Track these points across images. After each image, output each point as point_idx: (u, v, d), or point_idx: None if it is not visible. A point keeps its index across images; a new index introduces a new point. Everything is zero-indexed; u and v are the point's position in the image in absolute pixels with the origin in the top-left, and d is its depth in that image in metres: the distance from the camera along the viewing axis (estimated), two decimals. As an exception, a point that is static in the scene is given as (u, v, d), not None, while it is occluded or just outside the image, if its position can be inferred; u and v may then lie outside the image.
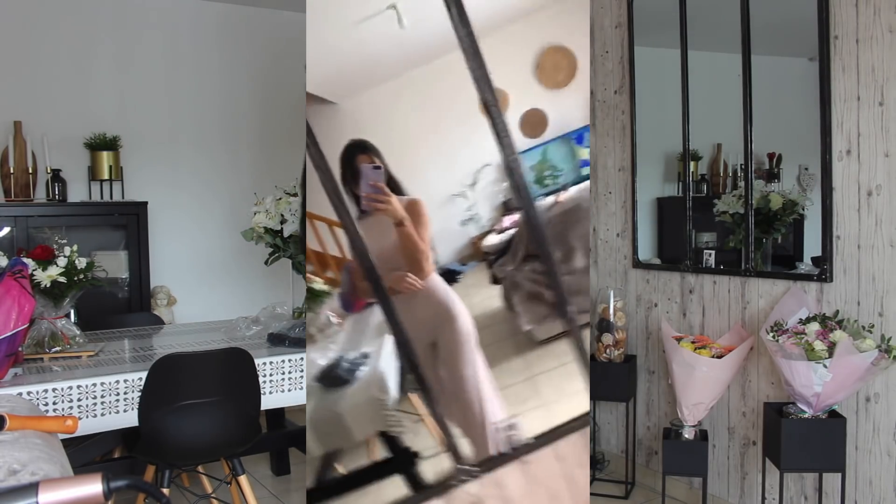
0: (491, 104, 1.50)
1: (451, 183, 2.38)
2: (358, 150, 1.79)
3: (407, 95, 2.27)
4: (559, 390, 2.91)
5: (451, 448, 1.77)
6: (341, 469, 2.07)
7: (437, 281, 1.80)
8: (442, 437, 1.81)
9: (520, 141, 2.41)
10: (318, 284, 2.45)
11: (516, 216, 2.33)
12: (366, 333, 2.17)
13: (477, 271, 2.40)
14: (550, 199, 2.36)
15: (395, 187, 1.75)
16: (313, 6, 2.06)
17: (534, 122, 2.80)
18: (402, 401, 1.98)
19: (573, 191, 2.30)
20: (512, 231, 2.36)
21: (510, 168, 1.50)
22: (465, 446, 1.85)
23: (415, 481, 1.96)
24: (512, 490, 1.65)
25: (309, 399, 1.97)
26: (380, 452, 2.14)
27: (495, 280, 2.24)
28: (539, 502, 1.64)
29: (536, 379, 2.96)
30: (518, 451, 1.73)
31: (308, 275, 2.32)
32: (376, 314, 2.20)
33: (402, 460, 1.96)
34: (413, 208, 1.66)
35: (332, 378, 2.16)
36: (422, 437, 1.95)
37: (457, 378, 1.82)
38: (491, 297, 2.52)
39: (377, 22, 2.04)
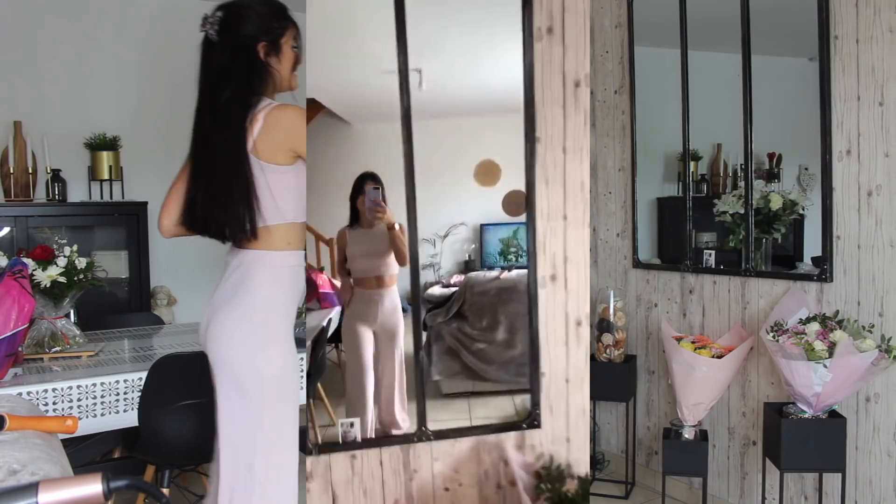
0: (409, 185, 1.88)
1: (426, 229, 2.61)
2: (368, 178, 2.41)
3: (413, 138, 2.50)
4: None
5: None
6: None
7: (397, 289, 2.46)
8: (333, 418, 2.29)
9: (499, 216, 2.73)
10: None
11: (462, 277, 2.60)
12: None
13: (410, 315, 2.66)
14: (495, 272, 2.58)
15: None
16: (347, 53, 2.43)
17: (516, 203, 2.86)
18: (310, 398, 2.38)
19: (514, 273, 2.56)
20: (455, 288, 2.60)
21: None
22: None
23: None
24: (336, 474, 2.25)
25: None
26: None
27: (424, 326, 2.55)
28: (355, 490, 2.25)
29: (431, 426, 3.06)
30: (348, 446, 2.23)
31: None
32: (312, 318, 2.52)
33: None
34: (400, 227, 2.40)
35: None
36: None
37: (389, 361, 2.42)
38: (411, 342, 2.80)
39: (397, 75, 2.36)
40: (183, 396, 2.44)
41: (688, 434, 2.95)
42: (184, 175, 2.10)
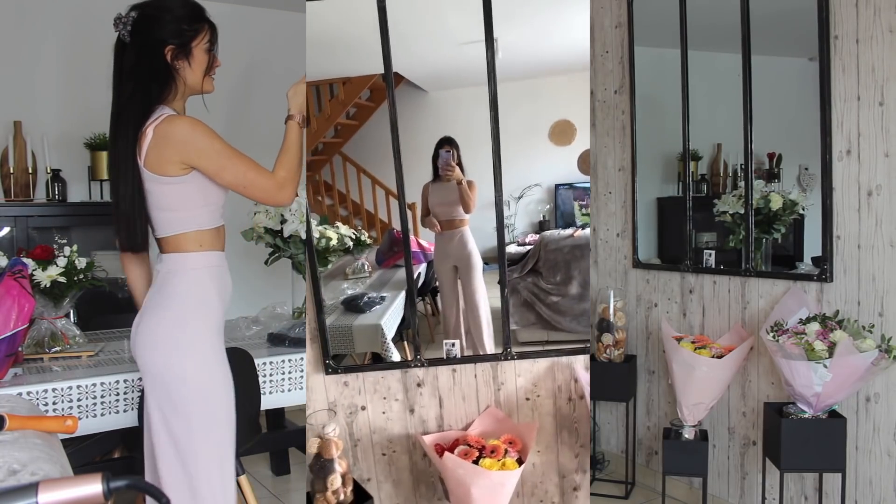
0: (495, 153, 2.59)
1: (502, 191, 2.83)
2: (445, 142, 2.79)
3: (485, 103, 2.66)
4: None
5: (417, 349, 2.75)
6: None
7: (468, 229, 2.87)
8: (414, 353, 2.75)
9: (576, 175, 2.89)
10: (365, 237, 3.19)
11: (537, 236, 2.89)
12: (387, 285, 2.90)
13: (492, 273, 2.91)
14: (570, 230, 2.84)
15: (461, 168, 2.80)
16: (427, 29, 2.72)
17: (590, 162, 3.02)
18: (396, 341, 2.78)
19: (588, 232, 2.87)
20: (529, 247, 2.90)
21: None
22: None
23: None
24: (442, 383, 2.77)
25: (330, 315, 2.79)
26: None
27: (501, 282, 2.89)
28: (455, 396, 2.79)
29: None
30: (450, 361, 2.75)
31: (356, 226, 3.00)
32: (398, 275, 2.92)
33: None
34: (470, 184, 2.80)
35: (354, 305, 2.86)
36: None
37: (469, 290, 2.85)
38: (494, 299, 3.01)
39: (476, 44, 2.59)
40: (183, 396, 2.43)
41: (688, 434, 2.95)
42: None
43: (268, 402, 2.77)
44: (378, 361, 2.84)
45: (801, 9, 2.73)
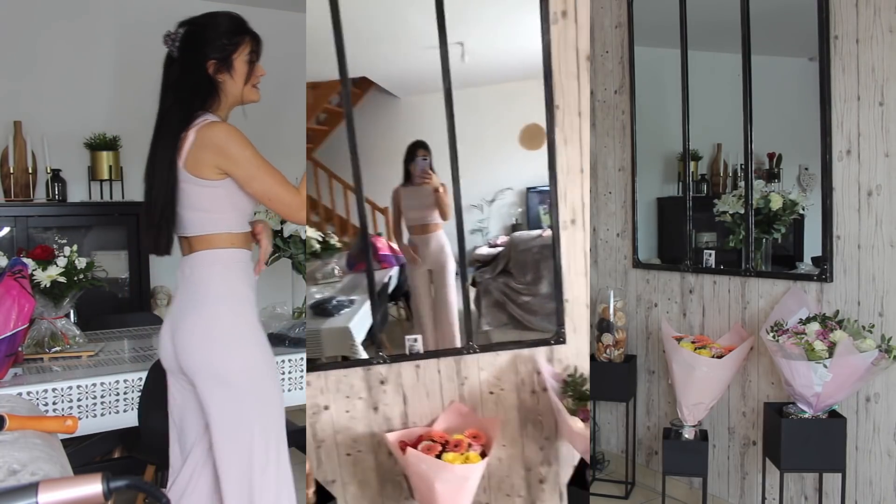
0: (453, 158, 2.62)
1: (473, 195, 2.80)
2: (419, 146, 2.77)
3: (459, 108, 2.66)
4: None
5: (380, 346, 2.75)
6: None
7: (443, 233, 2.86)
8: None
9: (545, 178, 2.88)
10: (335, 241, 3.13)
11: (507, 238, 2.90)
12: (357, 289, 2.87)
13: (470, 276, 2.95)
14: (537, 231, 2.86)
15: (433, 171, 2.79)
16: (392, 32, 2.73)
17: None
18: (367, 345, 2.76)
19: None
20: (500, 249, 2.89)
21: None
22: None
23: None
24: (405, 379, 2.78)
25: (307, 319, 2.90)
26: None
27: (473, 283, 2.94)
28: (419, 392, 2.79)
29: None
30: (413, 356, 2.76)
31: (328, 232, 3.01)
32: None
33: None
34: (443, 187, 2.79)
35: (322, 309, 2.83)
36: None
37: (443, 292, 2.85)
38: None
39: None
40: (183, 396, 2.43)
41: (688, 434, 2.95)
42: None
43: (268, 402, 2.77)
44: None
45: (801, 9, 2.73)
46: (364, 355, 2.74)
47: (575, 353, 2.87)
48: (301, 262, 3.13)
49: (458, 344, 2.82)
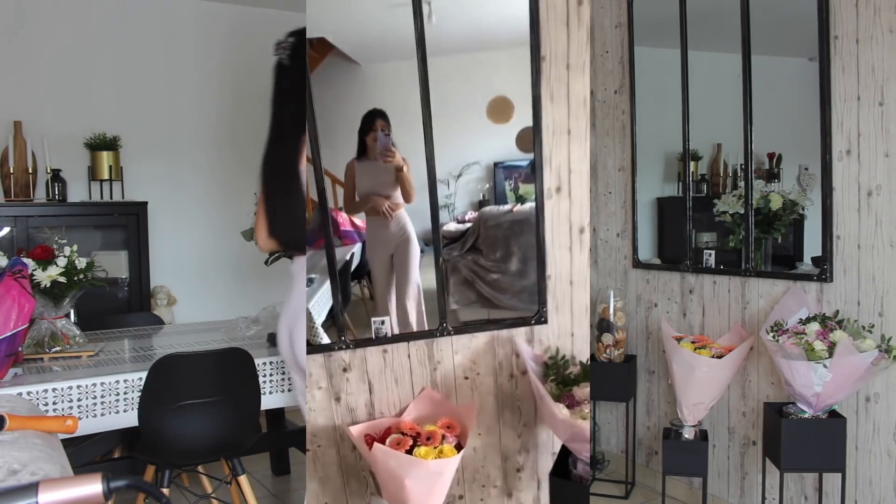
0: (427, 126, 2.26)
1: (439, 170, 2.65)
2: (378, 116, 2.48)
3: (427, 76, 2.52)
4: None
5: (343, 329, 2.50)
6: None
7: (404, 213, 2.62)
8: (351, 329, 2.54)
9: (513, 153, 2.74)
10: None
11: (476, 213, 2.74)
12: (317, 268, 2.66)
13: (431, 255, 2.80)
14: (507, 206, 2.71)
15: (394, 146, 2.51)
16: None
17: (530, 139, 2.88)
18: (328, 326, 2.54)
19: (527, 206, 2.71)
20: (468, 224, 2.74)
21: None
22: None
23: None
24: (371, 366, 2.55)
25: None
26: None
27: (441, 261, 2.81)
28: (387, 379, 2.58)
29: None
30: (380, 341, 2.53)
31: None
32: (336, 253, 2.76)
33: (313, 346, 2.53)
34: (406, 162, 2.52)
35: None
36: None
37: (403, 279, 2.62)
38: (433, 279, 2.94)
39: (407, 9, 2.41)
40: (183, 396, 2.44)
41: (688, 434, 2.95)
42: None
43: (268, 402, 2.77)
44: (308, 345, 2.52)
45: (801, 9, 2.73)
46: (325, 339, 2.54)
47: (557, 333, 2.74)
48: (301, 262, 3.12)
49: (425, 326, 2.59)
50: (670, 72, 3.28)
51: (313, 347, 2.48)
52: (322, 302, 2.60)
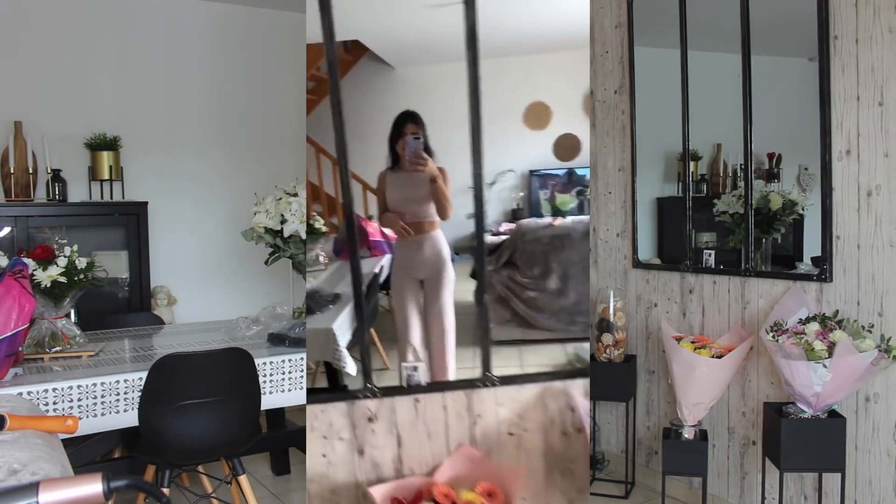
0: (475, 129, 1.97)
1: (471, 177, 2.58)
2: (408, 119, 2.24)
3: (459, 81, 2.38)
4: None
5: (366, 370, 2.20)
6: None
7: (440, 233, 2.36)
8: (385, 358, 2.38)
9: (550, 161, 2.66)
10: (319, 224, 2.67)
11: (513, 225, 2.57)
12: (345, 279, 2.44)
13: (464, 264, 2.66)
14: (547, 219, 2.56)
15: (430, 154, 2.22)
16: None
17: (567, 146, 2.83)
18: (353, 344, 2.29)
19: (569, 221, 2.52)
20: (504, 237, 2.59)
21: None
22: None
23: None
24: (401, 417, 2.22)
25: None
26: (321, 381, 2.57)
27: (474, 275, 2.57)
28: (419, 432, 2.23)
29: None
30: (413, 390, 2.21)
31: (313, 213, 2.63)
32: (364, 266, 2.62)
33: (335, 392, 2.30)
34: (442, 172, 2.23)
35: (309, 303, 2.44)
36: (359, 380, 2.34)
37: (435, 312, 2.35)
38: (464, 293, 2.76)
39: (448, 10, 2.29)
40: (183, 396, 2.44)
41: (688, 434, 2.95)
42: None
43: (268, 402, 2.77)
44: (331, 372, 2.32)
45: (801, 9, 2.73)
46: (350, 365, 2.34)
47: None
48: (301, 262, 3.13)
49: (451, 373, 2.31)
50: (670, 72, 3.28)
51: (333, 394, 2.23)
52: (347, 322, 2.39)
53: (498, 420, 2.30)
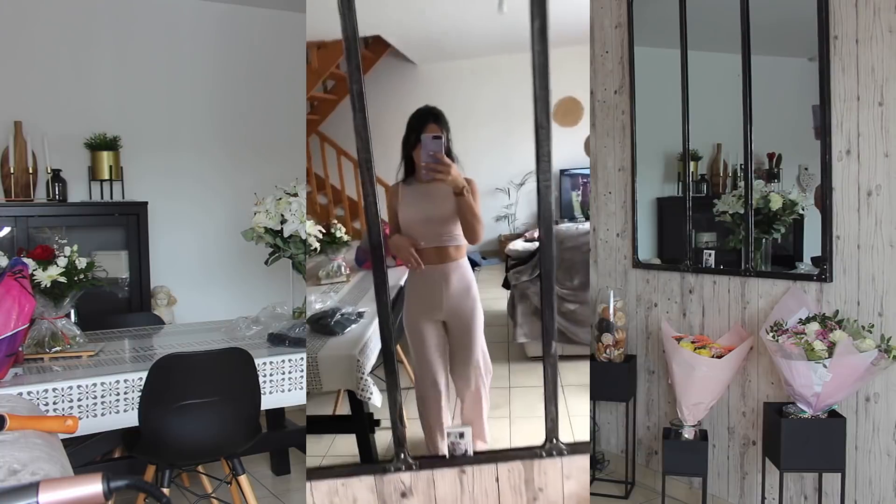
0: (542, 127, 1.56)
1: (500, 176, 2.40)
2: (430, 118, 1.80)
3: (485, 78, 2.21)
4: (529, 409, 2.96)
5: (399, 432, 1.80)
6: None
7: (467, 262, 1.89)
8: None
9: (582, 159, 2.49)
10: (341, 232, 2.43)
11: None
12: (368, 294, 2.17)
13: (491, 269, 2.51)
14: (587, 225, 2.34)
15: (454, 159, 1.78)
16: None
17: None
18: (379, 368, 1.98)
19: None
20: (538, 244, 2.37)
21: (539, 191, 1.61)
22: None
23: (366, 447, 2.04)
24: (442, 491, 1.71)
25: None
26: (344, 408, 2.24)
27: (507, 285, 2.24)
28: None
29: (513, 391, 3.02)
30: (459, 460, 1.76)
31: (335, 220, 2.46)
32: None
33: (361, 425, 2.01)
34: (470, 184, 1.73)
35: (323, 325, 2.16)
36: (386, 409, 1.93)
37: (463, 356, 1.91)
38: (498, 299, 2.59)
39: (475, 2, 2.03)
40: (183, 396, 2.44)
41: (688, 434, 2.95)
42: None
43: (268, 402, 2.77)
44: (354, 401, 1.95)
45: (801, 9, 2.73)
46: (375, 395, 1.96)
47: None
48: (301, 261, 3.13)
49: (488, 438, 1.90)
50: (670, 72, 3.28)
51: (356, 467, 1.83)
52: (373, 343, 2.07)
53: (565, 495, 1.92)
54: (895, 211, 2.54)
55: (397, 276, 2.30)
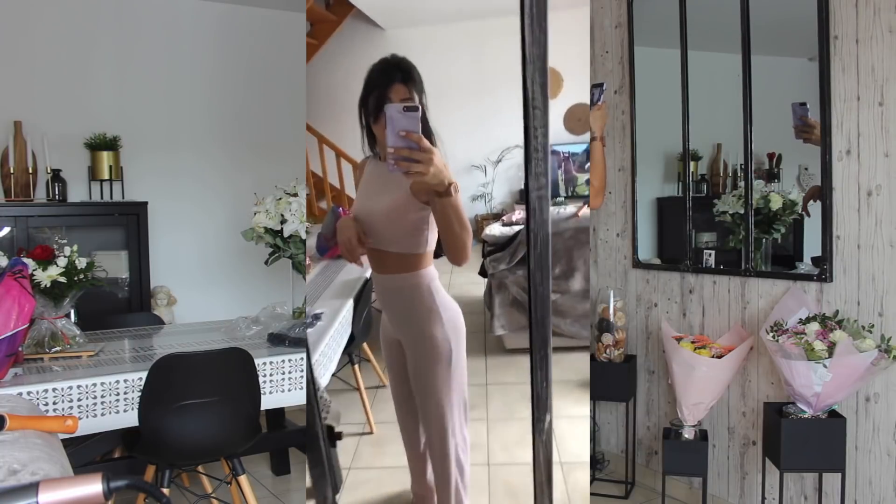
0: (538, 89, 1.06)
1: (476, 153, 2.24)
2: (397, 75, 1.31)
3: (458, 44, 2.05)
4: (508, 410, 2.71)
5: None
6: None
7: (435, 273, 1.46)
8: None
9: (561, 135, 2.28)
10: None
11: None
12: (329, 287, 1.85)
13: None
14: (571, 208, 2.16)
15: (433, 141, 1.30)
16: None
17: (582, 118, 2.50)
18: (345, 369, 1.75)
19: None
20: (518, 228, 2.17)
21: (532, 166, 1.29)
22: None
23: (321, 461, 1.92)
24: None
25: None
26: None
27: (483, 272, 2.06)
28: None
29: (490, 389, 2.82)
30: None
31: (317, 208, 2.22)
32: (349, 270, 1.93)
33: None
34: (453, 187, 1.22)
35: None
36: (347, 415, 1.74)
37: (430, 402, 1.50)
38: (473, 286, 2.36)
39: None
40: (183, 396, 2.44)
41: (688, 434, 2.95)
42: None
43: (268, 402, 2.77)
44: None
45: (801, 9, 2.73)
46: (332, 415, 1.80)
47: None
48: (301, 261, 3.13)
49: (464, 495, 1.56)
50: (670, 72, 3.28)
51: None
52: (332, 349, 1.88)
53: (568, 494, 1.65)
54: (895, 211, 2.54)
55: (360, 270, 1.95)
